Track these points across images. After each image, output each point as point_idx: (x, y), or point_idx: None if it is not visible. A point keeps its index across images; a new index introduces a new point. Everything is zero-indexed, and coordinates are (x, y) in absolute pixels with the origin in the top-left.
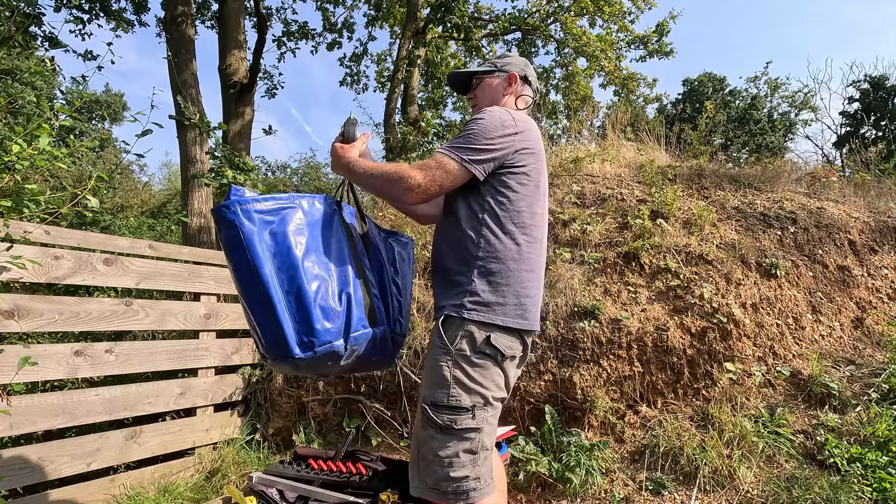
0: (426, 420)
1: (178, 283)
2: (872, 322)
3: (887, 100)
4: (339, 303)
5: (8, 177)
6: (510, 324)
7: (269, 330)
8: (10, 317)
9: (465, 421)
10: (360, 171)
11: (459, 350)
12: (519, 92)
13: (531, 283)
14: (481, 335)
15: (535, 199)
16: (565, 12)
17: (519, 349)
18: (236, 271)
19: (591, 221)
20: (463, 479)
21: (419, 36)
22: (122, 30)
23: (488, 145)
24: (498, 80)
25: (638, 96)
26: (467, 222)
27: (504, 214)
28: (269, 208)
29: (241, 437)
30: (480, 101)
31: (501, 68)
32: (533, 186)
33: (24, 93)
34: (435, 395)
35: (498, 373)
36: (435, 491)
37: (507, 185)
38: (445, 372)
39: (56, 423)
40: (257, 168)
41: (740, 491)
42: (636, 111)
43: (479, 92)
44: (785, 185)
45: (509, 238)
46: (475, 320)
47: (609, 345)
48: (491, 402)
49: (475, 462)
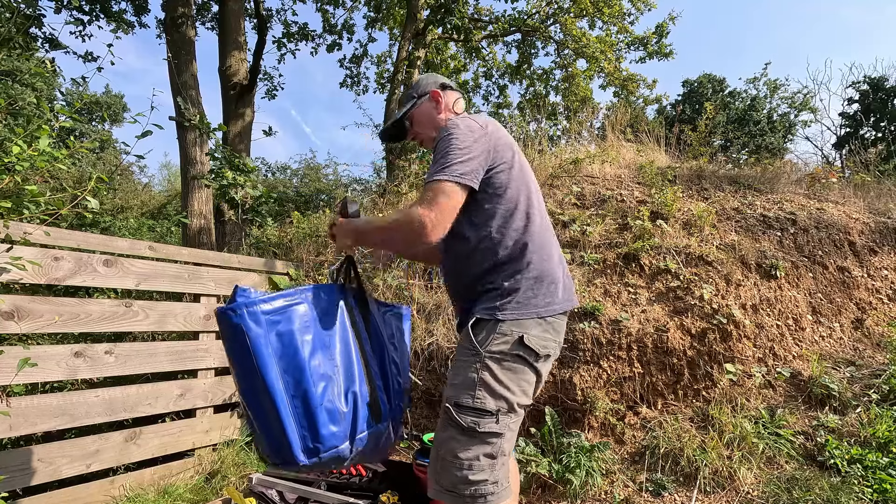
0: (449, 421)
1: (178, 285)
2: (872, 323)
3: (887, 101)
4: (346, 403)
5: (8, 178)
6: (544, 314)
7: (272, 435)
8: (9, 318)
9: (488, 424)
10: (369, 230)
11: (490, 352)
12: (448, 101)
13: (552, 268)
14: (515, 335)
15: (526, 187)
16: (565, 14)
17: (554, 345)
18: (240, 375)
19: (590, 222)
20: (481, 483)
21: (419, 37)
22: (122, 31)
23: (469, 155)
24: (424, 105)
25: (637, 97)
26: (476, 238)
27: (506, 214)
28: (277, 307)
29: (240, 438)
30: (424, 133)
31: (420, 94)
32: (518, 173)
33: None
34: (460, 397)
35: (529, 377)
36: (452, 493)
37: (498, 184)
38: (473, 374)
39: (56, 425)
40: (257, 169)
41: (740, 492)
42: (636, 112)
43: (417, 128)
44: (785, 186)
45: (519, 234)
46: (510, 319)
47: (609, 346)
48: (515, 409)
49: (493, 467)
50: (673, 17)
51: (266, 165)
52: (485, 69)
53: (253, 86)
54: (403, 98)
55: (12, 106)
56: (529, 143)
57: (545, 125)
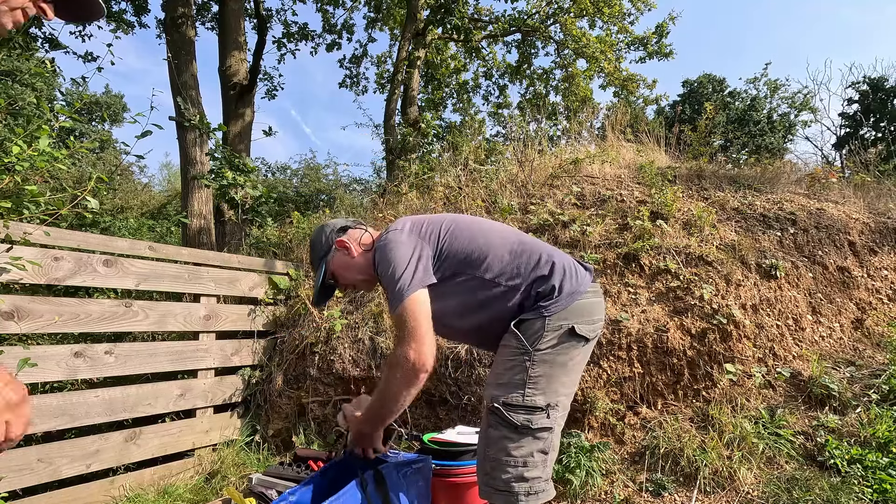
0: (500, 421)
1: (177, 285)
2: (872, 323)
3: (886, 101)
4: None
5: (8, 178)
6: (584, 288)
7: None
8: (9, 318)
9: (540, 420)
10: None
11: (540, 350)
12: (354, 242)
13: (553, 254)
14: (564, 328)
15: (482, 234)
16: (565, 14)
17: (600, 323)
18: None
19: (590, 223)
20: (535, 480)
21: (419, 37)
22: (122, 31)
23: (413, 260)
24: (336, 258)
25: (637, 97)
26: (485, 296)
27: (494, 263)
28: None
29: (240, 438)
30: (351, 279)
31: (326, 251)
32: (460, 231)
33: (25, 94)
34: (509, 395)
35: (577, 363)
36: (505, 493)
37: (453, 257)
38: (522, 373)
39: (56, 425)
40: (257, 169)
41: (740, 492)
42: (636, 112)
43: (340, 280)
44: (785, 186)
45: (510, 264)
46: (556, 313)
47: (609, 346)
48: (561, 400)
49: (545, 462)
50: (673, 17)
51: (266, 165)
52: (485, 69)
53: (253, 86)
54: (314, 262)
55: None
56: (529, 143)
57: (545, 125)
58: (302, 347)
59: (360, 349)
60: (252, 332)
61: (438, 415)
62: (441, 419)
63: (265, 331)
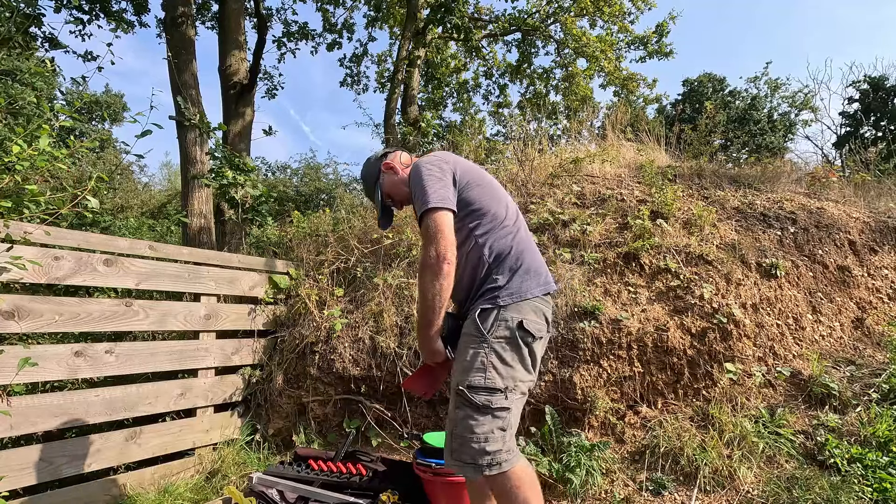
0: (463, 402)
1: (178, 284)
2: (872, 322)
3: (887, 100)
4: None
5: (8, 177)
6: (538, 293)
7: None
8: (10, 317)
9: (499, 401)
10: (423, 320)
11: (496, 337)
12: (396, 162)
13: (533, 258)
14: (515, 320)
15: (494, 195)
16: (565, 13)
17: (544, 327)
18: None
19: (590, 222)
20: (497, 452)
21: (419, 36)
22: (122, 30)
23: (441, 182)
24: (386, 180)
25: (638, 97)
26: (467, 245)
27: (485, 222)
28: None
29: (241, 437)
30: (400, 195)
31: (377, 177)
32: (480, 187)
33: (25, 93)
34: (472, 379)
35: (527, 355)
36: (471, 465)
37: (470, 201)
38: (482, 357)
39: (56, 424)
40: (257, 168)
41: (740, 491)
42: (636, 112)
43: (395, 198)
44: (785, 185)
45: (499, 237)
46: (510, 304)
47: (609, 345)
48: (518, 385)
49: (504, 438)
50: (673, 17)
51: (266, 165)
52: (485, 68)
53: (253, 85)
54: (368, 191)
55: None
56: (529, 143)
57: (545, 124)
58: (302, 347)
59: (360, 348)
60: (252, 332)
61: (438, 414)
62: (441, 419)
63: (265, 330)
